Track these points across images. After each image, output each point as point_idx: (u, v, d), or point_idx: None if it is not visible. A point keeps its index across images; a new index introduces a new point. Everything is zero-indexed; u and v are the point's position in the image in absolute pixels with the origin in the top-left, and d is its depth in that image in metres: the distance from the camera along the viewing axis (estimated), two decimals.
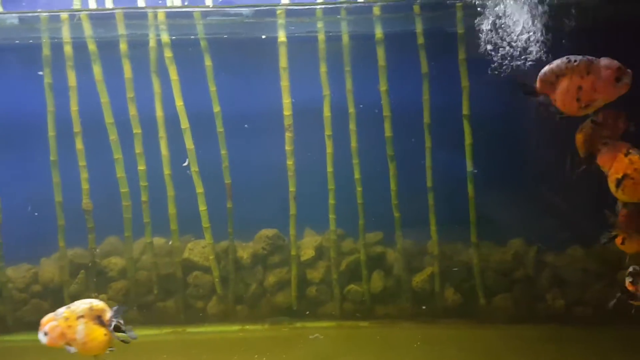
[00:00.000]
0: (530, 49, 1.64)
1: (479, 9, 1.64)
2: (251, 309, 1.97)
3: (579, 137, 1.46)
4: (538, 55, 1.62)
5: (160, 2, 1.62)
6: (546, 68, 1.33)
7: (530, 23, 1.63)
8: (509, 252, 1.97)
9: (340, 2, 1.46)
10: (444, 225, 1.94)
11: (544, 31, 1.62)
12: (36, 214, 1.95)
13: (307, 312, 1.96)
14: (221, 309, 1.95)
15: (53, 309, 1.28)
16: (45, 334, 1.30)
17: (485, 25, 1.65)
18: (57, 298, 1.91)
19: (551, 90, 1.33)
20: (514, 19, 1.62)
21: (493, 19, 1.67)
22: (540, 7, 1.61)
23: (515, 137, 1.96)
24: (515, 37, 1.63)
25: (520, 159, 2.00)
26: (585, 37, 1.76)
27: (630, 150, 1.35)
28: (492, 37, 1.65)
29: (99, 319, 1.30)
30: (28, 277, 1.95)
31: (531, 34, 1.62)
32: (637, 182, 1.34)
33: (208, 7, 1.54)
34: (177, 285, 1.95)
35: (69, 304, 1.31)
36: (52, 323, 1.31)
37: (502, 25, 1.64)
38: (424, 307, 1.95)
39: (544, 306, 1.92)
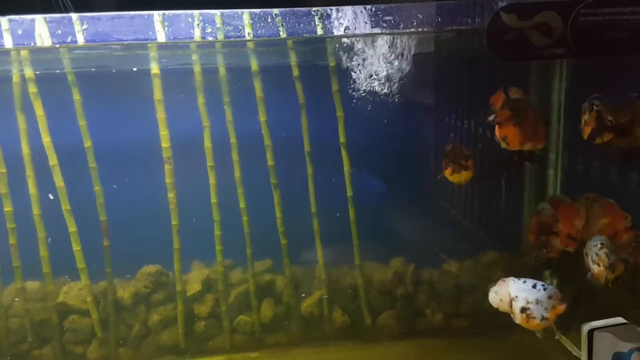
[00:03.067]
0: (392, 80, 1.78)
1: (346, 44, 1.74)
2: (135, 350, 1.89)
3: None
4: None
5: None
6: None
7: (391, 56, 1.77)
8: (390, 271, 2.09)
9: (214, 40, 1.46)
10: (329, 249, 2.01)
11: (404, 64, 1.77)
12: None
13: (193, 349, 1.92)
14: (102, 353, 1.85)
15: None
16: None
17: (355, 59, 1.76)
18: None
19: None
20: (377, 53, 1.74)
21: (360, 53, 1.78)
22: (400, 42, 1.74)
23: (391, 162, 2.07)
24: (378, 70, 1.76)
25: (397, 182, 2.11)
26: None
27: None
28: (361, 70, 1.76)
29: None
30: None
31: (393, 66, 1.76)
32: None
33: (76, 44, 1.48)
34: (53, 331, 1.83)
35: None
36: None
37: (368, 59, 1.76)
38: (312, 332, 2.00)
39: (424, 321, 2.03)
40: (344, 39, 1.77)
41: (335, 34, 1.49)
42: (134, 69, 1.74)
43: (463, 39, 1.99)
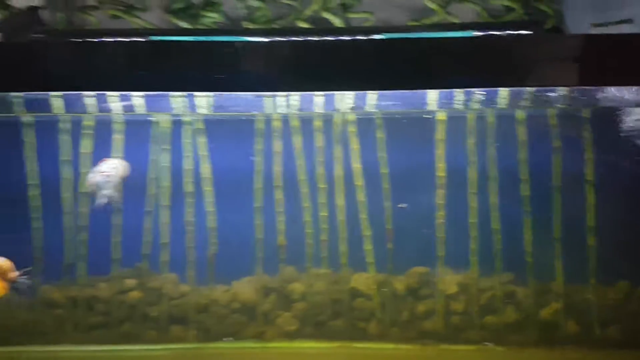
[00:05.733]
0: None
1: None
2: (402, 331, 2.41)
3: None
4: None
5: None
6: None
7: None
8: (621, 291, 2.37)
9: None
10: (567, 269, 2.36)
11: None
12: None
13: (449, 337, 2.40)
14: (379, 330, 2.40)
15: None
16: None
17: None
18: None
19: None
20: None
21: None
22: None
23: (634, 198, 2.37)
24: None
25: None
26: None
27: None
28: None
29: (2, 275, 1.72)
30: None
31: None
32: None
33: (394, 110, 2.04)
34: (345, 308, 2.42)
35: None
36: None
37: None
38: (548, 336, 2.37)
39: None
40: None
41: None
42: (425, 116, 2.28)
43: None
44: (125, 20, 2.47)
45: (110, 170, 2.14)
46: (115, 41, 2.18)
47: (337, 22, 2.41)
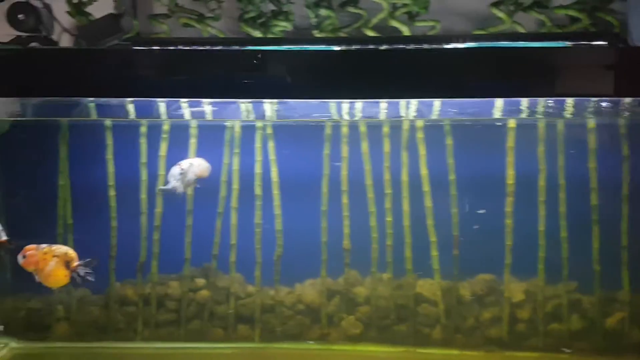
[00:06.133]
0: None
1: None
2: (467, 337, 2.42)
3: None
4: None
5: None
6: None
7: None
8: None
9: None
10: (634, 278, 2.35)
11: None
12: None
13: (513, 345, 2.40)
14: (443, 336, 2.42)
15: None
16: (24, 256, 1.79)
17: None
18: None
19: None
20: None
21: None
22: None
23: None
24: None
25: None
26: None
27: None
28: None
29: (67, 264, 1.74)
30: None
31: None
32: None
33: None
34: (409, 313, 2.45)
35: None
36: (32, 252, 1.78)
37: None
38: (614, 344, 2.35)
39: None
40: None
41: None
42: (497, 124, 2.30)
43: None
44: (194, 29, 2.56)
45: (186, 165, 2.23)
46: (192, 50, 2.26)
47: (405, 30, 2.45)
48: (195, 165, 2.20)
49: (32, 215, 2.39)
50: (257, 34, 2.43)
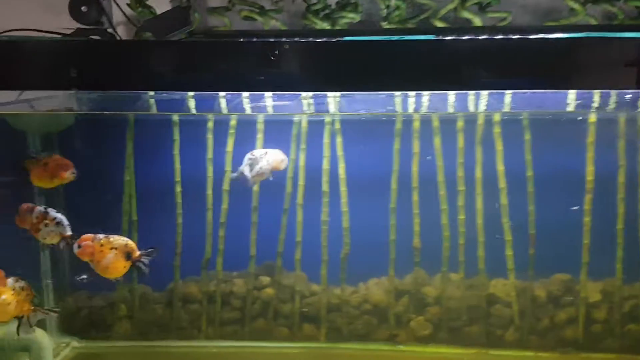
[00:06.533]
0: None
1: None
2: (541, 339, 2.35)
3: None
4: None
5: None
6: None
7: None
8: None
9: None
10: None
11: None
12: None
13: (588, 347, 2.33)
14: (516, 338, 2.35)
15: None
16: (79, 246, 1.72)
17: None
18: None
19: None
20: None
21: None
22: None
23: None
24: None
25: None
26: None
27: None
28: None
29: (127, 254, 1.68)
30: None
31: None
32: None
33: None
34: (481, 314, 2.38)
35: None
36: (88, 242, 1.71)
37: None
38: None
39: None
40: None
41: None
42: (579, 118, 2.22)
43: None
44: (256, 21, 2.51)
45: (258, 153, 2.17)
46: (265, 41, 2.19)
47: (477, 21, 2.38)
48: (270, 155, 2.13)
49: (97, 211, 2.35)
50: (325, 25, 2.38)
